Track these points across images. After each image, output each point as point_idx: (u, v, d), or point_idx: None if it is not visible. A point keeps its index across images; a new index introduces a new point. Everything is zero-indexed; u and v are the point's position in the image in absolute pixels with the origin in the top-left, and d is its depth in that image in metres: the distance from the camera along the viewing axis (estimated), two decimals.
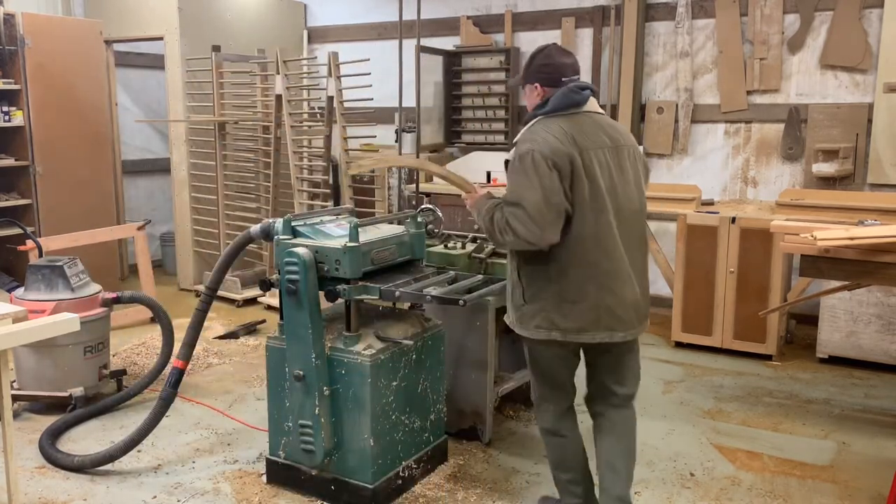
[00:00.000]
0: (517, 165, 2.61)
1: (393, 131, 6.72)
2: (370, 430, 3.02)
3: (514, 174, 2.62)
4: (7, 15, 5.64)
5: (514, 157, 2.64)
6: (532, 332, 2.71)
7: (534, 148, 2.59)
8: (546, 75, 2.77)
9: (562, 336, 2.67)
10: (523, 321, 2.73)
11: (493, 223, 2.65)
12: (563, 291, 2.64)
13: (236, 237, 3.49)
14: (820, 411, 4.16)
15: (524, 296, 2.71)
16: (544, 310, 2.66)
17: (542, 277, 2.66)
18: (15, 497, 2.81)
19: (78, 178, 6.14)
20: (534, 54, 2.82)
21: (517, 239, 2.57)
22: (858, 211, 4.61)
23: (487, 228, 2.69)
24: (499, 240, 2.66)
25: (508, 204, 2.61)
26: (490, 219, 2.67)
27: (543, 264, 2.65)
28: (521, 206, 2.55)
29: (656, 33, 6.01)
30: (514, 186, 2.61)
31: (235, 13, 6.83)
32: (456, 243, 3.78)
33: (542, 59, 2.80)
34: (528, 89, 2.84)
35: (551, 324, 2.66)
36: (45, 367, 4.01)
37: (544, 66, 2.78)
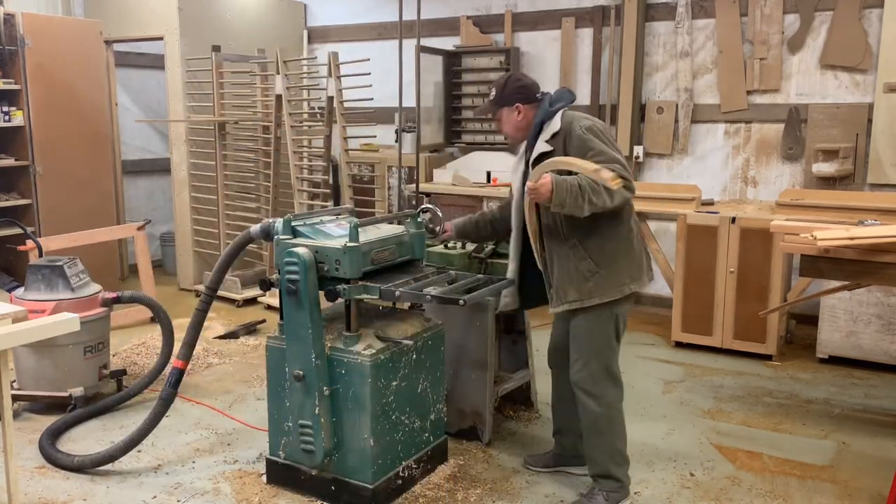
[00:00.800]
0: (590, 136, 2.87)
1: (393, 131, 6.73)
2: (370, 430, 3.02)
3: (594, 140, 2.86)
4: (7, 15, 5.64)
5: (580, 132, 2.87)
6: (613, 292, 2.94)
7: (592, 121, 2.94)
8: (524, 95, 3.04)
9: (637, 287, 2.99)
10: (599, 289, 2.93)
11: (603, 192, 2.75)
12: (629, 248, 2.98)
13: (236, 237, 3.49)
14: (820, 411, 4.16)
15: (596, 265, 2.93)
16: (620, 267, 2.95)
17: (611, 239, 2.95)
18: (15, 497, 2.81)
19: (78, 178, 6.14)
20: (504, 82, 3.07)
21: (626, 193, 2.80)
22: (858, 211, 4.60)
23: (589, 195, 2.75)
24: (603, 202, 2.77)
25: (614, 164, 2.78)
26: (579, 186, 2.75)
27: (610, 228, 2.94)
28: (619, 163, 2.81)
29: (656, 33, 6.01)
30: (601, 150, 2.84)
31: (235, 13, 6.83)
32: (456, 243, 3.78)
33: (515, 82, 3.06)
34: (505, 113, 3.07)
35: (630, 277, 2.96)
36: (45, 367, 4.01)
37: (521, 88, 3.05)
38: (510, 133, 3.13)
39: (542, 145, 2.97)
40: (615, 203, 2.81)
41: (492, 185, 6.25)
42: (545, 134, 2.99)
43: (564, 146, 2.92)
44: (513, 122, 3.08)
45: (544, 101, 3.03)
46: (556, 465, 3.44)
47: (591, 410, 3.04)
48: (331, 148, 6.06)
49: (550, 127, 2.97)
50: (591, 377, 3.02)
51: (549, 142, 2.96)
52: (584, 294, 2.95)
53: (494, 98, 3.09)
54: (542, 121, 3.01)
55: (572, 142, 2.90)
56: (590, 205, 2.76)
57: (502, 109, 3.08)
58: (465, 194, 6.16)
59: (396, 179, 6.55)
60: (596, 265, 2.93)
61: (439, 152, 6.89)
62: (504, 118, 3.09)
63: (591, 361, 3.01)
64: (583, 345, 3.03)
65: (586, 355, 3.02)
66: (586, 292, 2.95)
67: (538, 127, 3.02)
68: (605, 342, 3.02)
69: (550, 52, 6.47)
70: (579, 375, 3.05)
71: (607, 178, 2.67)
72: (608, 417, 3.04)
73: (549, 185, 2.77)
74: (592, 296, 2.94)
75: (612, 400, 3.05)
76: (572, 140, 2.90)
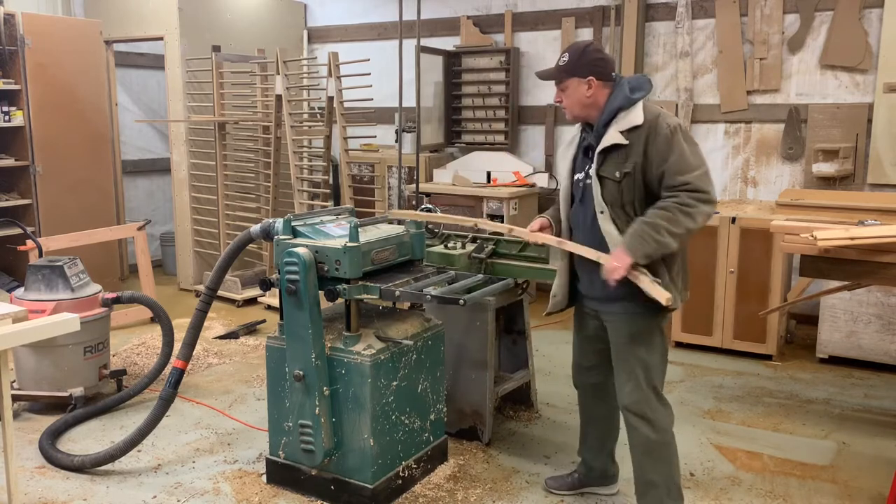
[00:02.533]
0: (678, 138, 2.61)
1: (393, 131, 6.73)
2: (370, 430, 3.02)
3: (680, 143, 2.60)
4: (7, 15, 5.64)
5: (667, 131, 2.60)
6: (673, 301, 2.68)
7: (677, 120, 2.68)
8: (600, 69, 2.72)
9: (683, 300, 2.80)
10: None
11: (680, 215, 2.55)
12: (682, 259, 2.79)
13: (236, 237, 3.49)
14: (820, 411, 4.15)
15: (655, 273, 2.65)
16: (674, 276, 2.73)
17: None
18: (15, 497, 2.81)
19: (78, 178, 6.14)
20: (583, 48, 2.73)
21: (711, 205, 2.59)
22: (858, 211, 4.59)
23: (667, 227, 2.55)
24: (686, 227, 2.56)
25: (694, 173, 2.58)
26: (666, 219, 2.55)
27: None
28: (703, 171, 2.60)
29: (656, 33, 6.01)
30: (684, 156, 2.59)
31: (235, 13, 6.83)
32: (456, 243, 3.78)
33: (595, 53, 2.73)
34: (573, 83, 2.73)
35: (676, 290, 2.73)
36: (45, 367, 4.01)
37: (599, 60, 2.72)
38: (572, 108, 2.78)
39: (616, 136, 2.66)
40: (699, 224, 2.58)
41: (492, 185, 6.26)
42: (621, 123, 2.67)
43: (646, 143, 2.63)
44: (580, 96, 2.73)
45: (621, 85, 2.71)
46: (582, 486, 3.25)
47: (646, 437, 2.78)
48: (331, 148, 6.06)
49: (629, 117, 2.66)
50: (646, 400, 2.76)
51: (625, 134, 2.65)
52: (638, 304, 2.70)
53: (566, 64, 2.73)
54: (618, 107, 2.68)
55: (657, 140, 2.61)
56: (673, 236, 2.55)
57: (572, 79, 2.72)
58: (465, 194, 6.16)
59: (396, 179, 6.55)
60: (655, 273, 2.66)
61: (439, 152, 6.89)
62: (571, 89, 2.74)
63: (643, 382, 2.76)
64: (634, 364, 2.77)
65: (638, 375, 2.76)
66: (674, 300, 2.67)
67: (612, 113, 2.70)
68: (656, 359, 2.79)
69: (550, 52, 6.46)
70: (631, 398, 2.78)
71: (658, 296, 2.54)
72: (665, 445, 2.80)
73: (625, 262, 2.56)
74: (676, 304, 2.70)
75: (667, 424, 2.81)
76: (657, 138, 2.61)
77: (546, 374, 4.67)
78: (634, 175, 2.65)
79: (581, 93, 2.73)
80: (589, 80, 2.70)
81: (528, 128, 6.66)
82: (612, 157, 2.68)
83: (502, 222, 5.97)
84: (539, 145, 6.62)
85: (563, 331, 5.59)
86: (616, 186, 2.68)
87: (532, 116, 6.62)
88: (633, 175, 2.65)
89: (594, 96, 2.72)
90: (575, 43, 2.83)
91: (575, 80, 2.72)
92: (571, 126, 6.92)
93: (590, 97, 2.73)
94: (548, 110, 6.50)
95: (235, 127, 6.57)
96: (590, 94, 2.72)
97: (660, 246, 2.55)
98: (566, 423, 3.99)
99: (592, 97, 2.73)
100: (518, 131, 6.68)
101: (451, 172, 6.46)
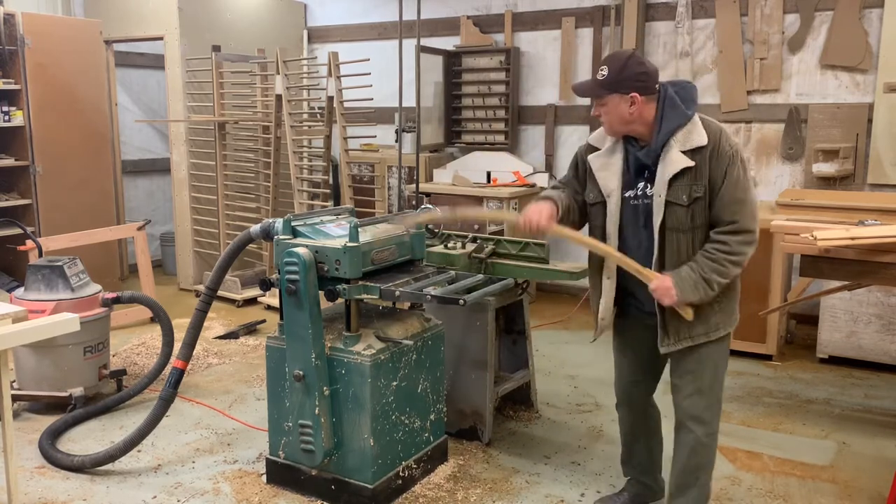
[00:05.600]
0: (736, 162, 2.50)
1: (393, 131, 6.73)
2: (370, 430, 3.02)
3: (736, 170, 2.49)
4: (7, 15, 5.64)
5: (730, 152, 2.50)
6: (730, 322, 2.70)
7: (738, 144, 2.56)
8: (644, 83, 2.53)
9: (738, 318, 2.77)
10: (723, 320, 2.67)
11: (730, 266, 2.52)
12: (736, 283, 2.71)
13: (236, 237, 3.49)
14: (820, 411, 4.15)
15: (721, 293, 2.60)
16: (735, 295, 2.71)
17: None
18: (15, 497, 2.81)
19: (78, 178, 6.14)
20: (623, 62, 2.53)
21: (755, 245, 2.55)
22: (858, 211, 4.59)
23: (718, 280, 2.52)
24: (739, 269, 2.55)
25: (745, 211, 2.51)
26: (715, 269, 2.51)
27: None
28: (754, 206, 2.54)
29: (656, 33, 6.01)
30: (742, 183, 2.50)
31: (235, 13, 6.83)
32: (456, 243, 3.78)
33: (637, 66, 2.53)
34: (614, 100, 2.54)
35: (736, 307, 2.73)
36: (45, 367, 4.01)
37: (642, 74, 2.53)
38: (612, 125, 2.60)
39: (682, 159, 2.49)
40: (744, 266, 2.56)
41: (492, 185, 6.26)
42: (683, 143, 2.51)
43: (709, 164, 2.49)
44: (621, 113, 2.54)
45: (670, 99, 2.53)
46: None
47: (696, 438, 2.73)
48: (331, 148, 6.06)
49: (693, 137, 2.50)
50: (709, 407, 2.72)
51: (689, 154, 2.49)
52: (711, 328, 2.64)
53: (606, 79, 2.53)
54: (676, 127, 2.51)
55: (719, 162, 2.48)
56: (721, 286, 2.54)
57: (612, 95, 2.53)
58: (465, 194, 6.16)
59: (396, 179, 6.55)
60: (721, 293, 2.60)
61: (439, 152, 6.89)
62: (611, 106, 2.55)
63: (710, 394, 2.72)
64: (704, 379, 2.70)
65: (708, 388, 2.71)
66: (714, 325, 2.64)
67: (669, 134, 2.52)
68: (722, 375, 2.74)
69: (550, 52, 6.47)
70: (697, 407, 2.72)
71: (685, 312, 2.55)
72: (710, 450, 2.77)
73: (672, 296, 2.53)
74: (718, 328, 2.65)
75: (716, 428, 2.78)
76: (719, 160, 2.48)
77: (546, 374, 4.67)
78: (704, 198, 2.53)
79: (623, 110, 2.54)
80: (632, 96, 2.51)
81: (528, 128, 6.66)
82: (680, 180, 2.52)
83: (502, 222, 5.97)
84: (539, 145, 6.62)
85: (563, 331, 5.59)
86: (685, 211, 2.54)
87: (532, 116, 6.62)
88: (703, 199, 2.53)
89: (638, 112, 2.54)
90: (615, 54, 2.64)
91: (616, 97, 2.53)
92: (572, 126, 6.94)
93: (633, 113, 2.54)
94: (548, 110, 6.50)
95: (235, 127, 6.57)
96: (633, 111, 2.53)
97: (707, 296, 2.55)
98: (566, 423, 3.99)
99: (636, 113, 2.54)
100: (518, 131, 6.68)
101: (451, 172, 6.47)
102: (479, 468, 3.48)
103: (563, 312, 5.96)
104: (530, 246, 3.71)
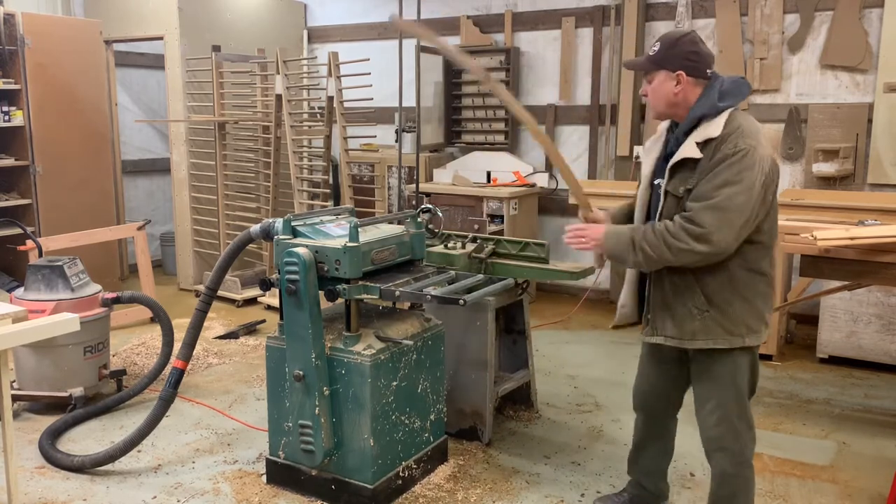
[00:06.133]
0: (733, 162, 2.33)
1: (393, 131, 6.73)
2: (370, 430, 3.02)
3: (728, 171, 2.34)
4: (7, 15, 5.64)
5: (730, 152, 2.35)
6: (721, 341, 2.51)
7: (755, 146, 2.35)
8: (693, 64, 2.44)
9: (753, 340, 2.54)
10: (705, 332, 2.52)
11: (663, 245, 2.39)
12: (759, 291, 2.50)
13: (236, 237, 3.49)
14: (820, 411, 4.15)
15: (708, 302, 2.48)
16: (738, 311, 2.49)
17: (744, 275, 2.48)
18: (15, 497, 2.81)
19: (78, 178, 6.14)
20: (676, 39, 2.46)
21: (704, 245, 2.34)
22: (858, 211, 4.60)
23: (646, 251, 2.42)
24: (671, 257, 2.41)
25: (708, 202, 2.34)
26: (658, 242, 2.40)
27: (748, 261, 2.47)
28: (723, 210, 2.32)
29: (656, 33, 6.00)
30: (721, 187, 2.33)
31: (235, 13, 6.83)
32: (456, 243, 3.78)
33: (690, 45, 2.45)
34: (661, 76, 2.47)
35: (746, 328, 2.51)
36: (45, 367, 4.01)
37: (693, 54, 2.44)
38: (656, 104, 2.52)
39: (692, 148, 2.41)
40: (679, 261, 2.42)
41: (492, 185, 6.26)
42: (699, 133, 2.42)
43: (711, 157, 2.39)
44: (666, 91, 2.47)
45: (712, 88, 2.44)
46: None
47: (722, 470, 2.61)
48: (331, 148, 6.06)
49: (709, 129, 2.40)
50: (732, 432, 2.56)
51: (701, 146, 2.41)
52: (687, 335, 2.53)
53: (656, 54, 2.47)
54: (702, 115, 2.43)
55: (717, 156, 2.37)
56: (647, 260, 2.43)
57: (660, 71, 2.47)
58: (465, 194, 6.16)
59: (396, 179, 6.55)
60: (708, 303, 2.47)
61: (439, 152, 6.89)
62: (657, 82, 2.48)
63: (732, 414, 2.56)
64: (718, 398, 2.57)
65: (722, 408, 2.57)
66: (688, 333, 2.52)
67: (694, 121, 2.45)
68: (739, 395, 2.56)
69: (550, 52, 6.47)
70: (717, 431, 2.59)
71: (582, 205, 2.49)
72: (744, 479, 2.61)
73: (596, 241, 2.50)
74: (709, 339, 2.50)
75: (746, 457, 2.60)
76: (718, 154, 2.37)
77: (546, 374, 4.67)
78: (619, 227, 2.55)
79: (668, 88, 2.46)
80: (678, 74, 2.44)
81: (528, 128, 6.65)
82: (682, 170, 2.46)
83: (502, 222, 5.98)
84: (539, 145, 6.61)
85: (563, 331, 5.59)
86: (676, 203, 2.48)
87: (532, 116, 6.59)
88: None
89: (683, 94, 2.46)
90: (670, 32, 2.57)
91: (663, 73, 2.46)
92: (572, 126, 6.94)
93: (678, 94, 2.46)
94: (548, 110, 6.50)
95: (235, 127, 6.57)
96: (678, 91, 2.46)
97: (628, 261, 2.48)
98: (566, 423, 3.99)
99: (681, 94, 2.46)
100: (518, 131, 6.68)
101: (451, 172, 6.47)
102: (479, 468, 3.48)
103: (563, 312, 5.96)
104: (530, 246, 3.71)
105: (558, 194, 6.42)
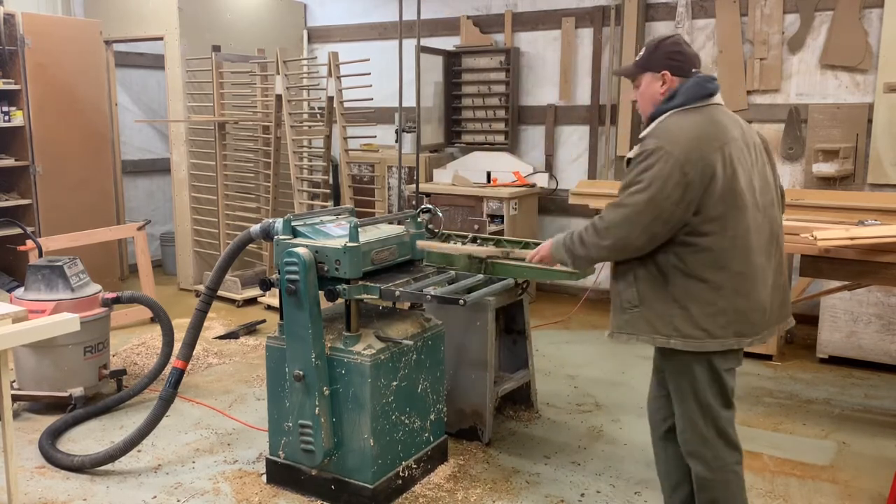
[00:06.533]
0: (642, 159, 2.34)
1: (393, 131, 6.73)
2: (370, 430, 3.02)
3: (637, 168, 2.35)
4: (7, 15, 5.64)
5: (644, 146, 2.36)
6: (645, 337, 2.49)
7: (663, 146, 2.32)
8: (677, 63, 2.45)
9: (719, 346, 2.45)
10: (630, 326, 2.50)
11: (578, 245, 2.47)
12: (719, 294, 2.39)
13: (236, 237, 3.49)
14: (820, 411, 4.15)
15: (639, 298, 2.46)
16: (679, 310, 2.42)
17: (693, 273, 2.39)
18: (15, 497, 2.81)
19: (78, 178, 6.14)
20: (658, 42, 2.51)
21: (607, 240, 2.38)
22: (858, 211, 4.60)
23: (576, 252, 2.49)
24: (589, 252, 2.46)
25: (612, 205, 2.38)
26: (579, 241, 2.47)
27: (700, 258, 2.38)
28: (624, 207, 2.34)
29: (656, 33, 5.99)
30: (631, 180, 2.35)
31: (235, 13, 6.83)
32: (456, 243, 3.77)
33: (672, 45, 2.48)
34: (647, 79, 2.49)
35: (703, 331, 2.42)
36: (45, 367, 4.01)
37: (676, 54, 2.46)
38: (644, 106, 2.52)
39: (636, 148, 2.43)
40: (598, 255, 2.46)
41: (492, 185, 6.26)
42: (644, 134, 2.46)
43: None
44: (653, 92, 2.47)
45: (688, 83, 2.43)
46: None
47: (697, 475, 2.57)
48: (331, 148, 6.06)
49: (647, 130, 2.45)
50: (703, 442, 2.52)
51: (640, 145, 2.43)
52: (614, 326, 2.54)
53: (641, 58, 2.52)
54: (652, 115, 2.46)
55: (633, 157, 2.41)
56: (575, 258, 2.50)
57: (646, 74, 2.49)
58: (465, 194, 6.16)
59: (396, 179, 6.55)
60: (639, 299, 2.45)
61: (439, 152, 6.89)
62: (644, 86, 2.50)
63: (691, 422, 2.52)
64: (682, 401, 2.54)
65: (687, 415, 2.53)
66: (615, 325, 2.52)
67: (649, 121, 2.47)
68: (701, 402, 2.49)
69: (550, 52, 6.47)
70: (683, 437, 2.57)
71: None
72: (724, 483, 2.53)
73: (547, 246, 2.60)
74: (622, 330, 2.50)
75: (724, 463, 2.54)
76: (632, 155, 2.42)
77: (546, 374, 4.67)
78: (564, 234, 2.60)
79: (655, 89, 2.47)
80: (663, 74, 2.45)
81: (528, 128, 6.66)
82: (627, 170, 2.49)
83: (502, 222, 5.98)
84: (539, 145, 6.62)
85: (564, 331, 5.59)
86: None
87: (532, 116, 6.62)
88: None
89: (668, 93, 2.45)
90: (655, 36, 2.61)
91: (649, 75, 2.48)
92: (572, 126, 6.95)
93: (664, 94, 2.45)
94: (548, 110, 6.50)
95: (235, 127, 6.57)
96: (664, 91, 2.45)
97: (567, 261, 2.56)
98: (566, 423, 3.99)
99: (667, 94, 2.45)
100: (518, 131, 6.68)
101: (451, 172, 6.47)
102: (479, 468, 3.48)
103: (563, 312, 5.96)
104: (530, 246, 3.71)
105: (558, 194, 6.42)
